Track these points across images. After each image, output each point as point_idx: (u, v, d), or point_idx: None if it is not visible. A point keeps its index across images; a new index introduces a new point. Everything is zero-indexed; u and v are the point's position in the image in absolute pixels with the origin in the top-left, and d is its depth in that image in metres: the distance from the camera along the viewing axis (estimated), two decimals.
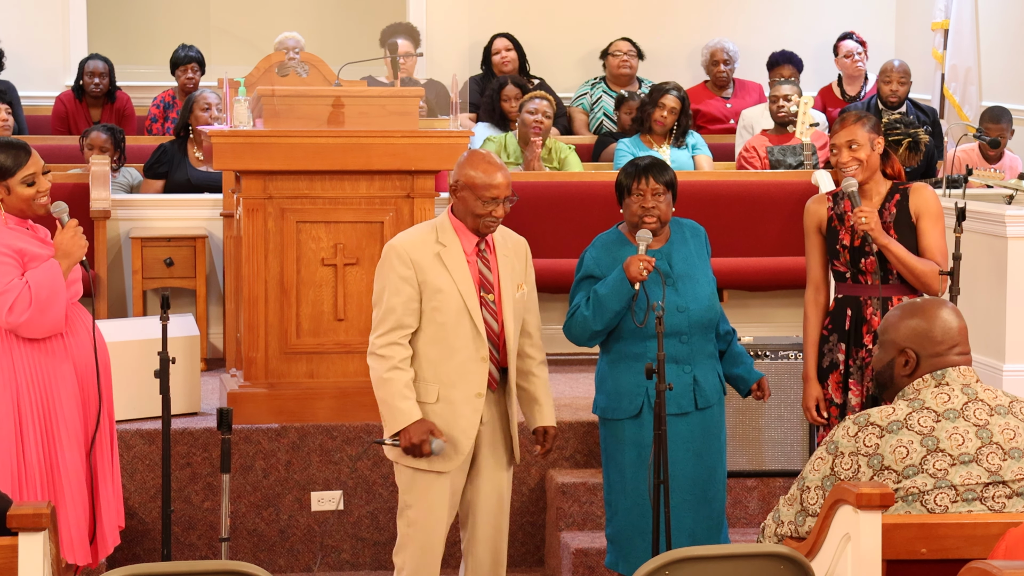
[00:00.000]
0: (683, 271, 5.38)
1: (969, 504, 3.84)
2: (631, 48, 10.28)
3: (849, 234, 5.53)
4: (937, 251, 5.49)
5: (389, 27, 10.16)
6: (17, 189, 5.14)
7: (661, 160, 5.46)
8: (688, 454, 5.33)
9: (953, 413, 3.90)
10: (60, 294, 5.08)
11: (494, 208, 5.01)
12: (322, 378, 6.53)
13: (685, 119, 8.55)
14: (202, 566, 3.54)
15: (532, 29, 10.61)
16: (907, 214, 5.51)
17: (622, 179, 5.38)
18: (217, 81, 8.05)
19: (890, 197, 5.54)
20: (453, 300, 5.02)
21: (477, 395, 5.04)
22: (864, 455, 3.89)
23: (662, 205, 5.32)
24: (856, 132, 5.48)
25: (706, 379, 5.36)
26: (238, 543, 6.45)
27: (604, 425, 5.44)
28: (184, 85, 9.75)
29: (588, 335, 5.37)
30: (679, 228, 5.46)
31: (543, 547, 6.57)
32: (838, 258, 5.57)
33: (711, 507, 5.39)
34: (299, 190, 6.48)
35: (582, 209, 8.01)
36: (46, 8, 10.60)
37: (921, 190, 5.55)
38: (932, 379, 3.98)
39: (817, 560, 3.89)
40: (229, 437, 4.86)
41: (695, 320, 5.33)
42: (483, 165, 5.02)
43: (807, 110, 8.55)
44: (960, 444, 3.86)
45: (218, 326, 8.00)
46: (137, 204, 8.06)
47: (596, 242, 5.47)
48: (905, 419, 3.90)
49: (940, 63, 10.26)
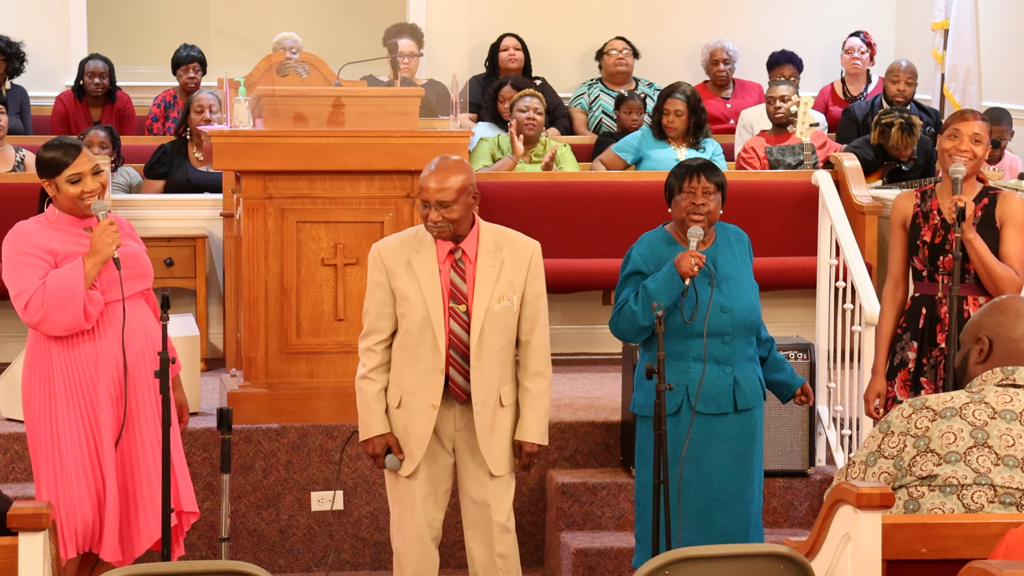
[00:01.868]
0: (728, 273, 5.38)
1: (1006, 508, 3.82)
2: (626, 47, 10.27)
3: (931, 231, 5.50)
4: (1016, 259, 5.45)
5: (393, 27, 10.14)
6: (64, 187, 5.22)
7: (712, 162, 5.48)
8: (724, 454, 5.33)
9: (1011, 415, 3.88)
10: (76, 293, 5.12)
11: (427, 212, 4.99)
12: (322, 378, 6.53)
13: (695, 117, 8.48)
14: (202, 566, 3.54)
15: (533, 29, 10.60)
16: (992, 218, 5.48)
17: (671, 179, 5.39)
18: (217, 81, 8.05)
19: (979, 199, 5.51)
20: (418, 309, 5.03)
21: (432, 406, 5.06)
22: (912, 436, 3.89)
23: (711, 204, 5.34)
24: (983, 128, 5.48)
25: (747, 381, 5.36)
26: (238, 543, 6.45)
27: (641, 422, 5.43)
28: (186, 85, 9.75)
29: (636, 330, 5.36)
30: (724, 232, 5.47)
31: (543, 547, 6.57)
32: (917, 254, 5.55)
33: (747, 508, 5.39)
34: (299, 190, 6.48)
35: (581, 209, 8.01)
36: (46, 8, 10.59)
37: (1010, 197, 5.52)
38: (1001, 373, 3.96)
39: (817, 560, 3.89)
40: (229, 437, 4.86)
41: (738, 321, 5.33)
42: (428, 168, 5.03)
43: (807, 110, 8.55)
44: (1010, 446, 3.84)
45: (218, 326, 8.00)
46: (137, 204, 8.05)
47: (643, 239, 5.46)
48: (960, 408, 3.89)
49: (940, 63, 10.25)
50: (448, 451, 5.16)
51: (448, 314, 5.03)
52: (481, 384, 5.07)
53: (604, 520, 6.43)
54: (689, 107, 8.43)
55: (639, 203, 7.86)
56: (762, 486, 5.49)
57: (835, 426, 6.74)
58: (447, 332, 5.03)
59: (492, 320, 5.05)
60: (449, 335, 5.04)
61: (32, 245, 5.23)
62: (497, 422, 5.12)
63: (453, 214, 4.98)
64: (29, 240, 5.24)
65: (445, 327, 5.03)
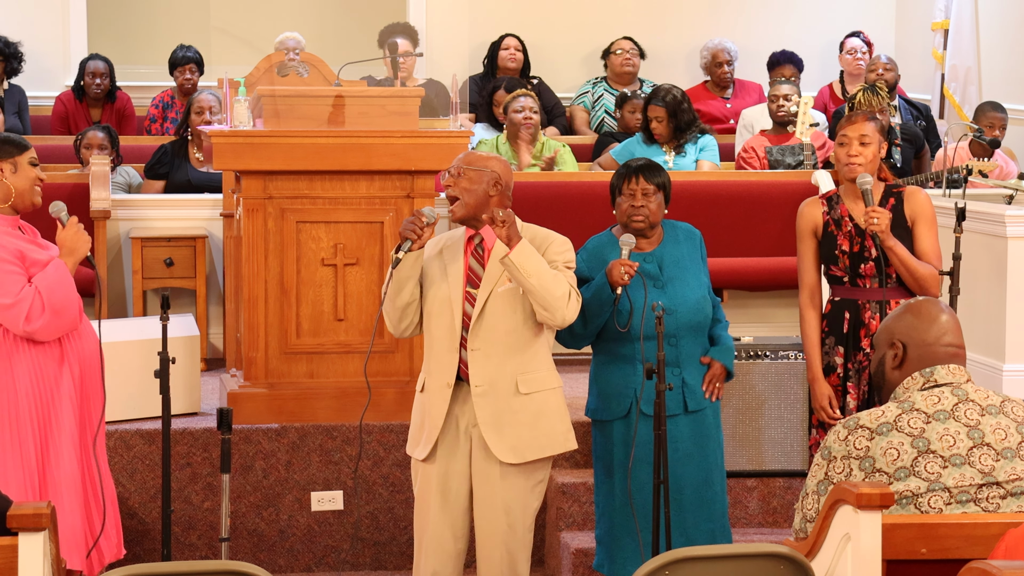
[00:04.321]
0: (673, 274, 5.38)
1: (963, 506, 3.83)
2: (633, 47, 10.28)
3: (848, 239, 5.52)
4: (933, 255, 5.51)
5: (388, 27, 10.16)
6: (25, 168, 5.19)
7: (655, 162, 5.47)
8: (678, 455, 5.33)
9: (943, 414, 3.89)
10: (73, 294, 5.13)
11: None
12: (322, 378, 6.53)
13: (675, 121, 8.46)
14: (202, 566, 3.54)
15: (533, 29, 10.61)
16: (902, 217, 5.52)
17: (614, 180, 5.40)
18: (217, 81, 8.05)
19: (884, 200, 5.54)
20: (439, 290, 5.12)
21: (447, 384, 5.09)
22: (856, 458, 3.88)
23: (652, 205, 5.33)
24: (868, 128, 5.49)
25: (696, 381, 5.36)
26: (238, 543, 6.45)
27: (595, 426, 5.46)
28: (182, 86, 9.75)
29: (572, 336, 5.40)
30: (673, 230, 5.46)
31: (543, 547, 6.57)
32: (836, 263, 5.56)
33: (710, 510, 5.38)
34: (299, 190, 6.48)
35: (581, 209, 8.01)
36: (46, 8, 10.60)
37: (915, 194, 5.57)
38: (921, 377, 3.96)
39: (817, 560, 3.89)
40: (229, 437, 4.86)
41: (683, 323, 5.33)
42: None
43: (807, 110, 8.55)
44: (952, 445, 3.85)
45: (218, 326, 8.00)
46: (137, 204, 8.06)
47: (588, 244, 5.48)
48: (895, 421, 3.89)
49: (940, 63, 10.26)
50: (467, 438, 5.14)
51: (465, 297, 5.09)
52: (482, 366, 5.07)
53: None
54: (668, 112, 8.42)
55: None
56: (725, 486, 5.47)
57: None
58: (463, 314, 5.08)
59: (496, 302, 5.07)
60: (464, 317, 5.09)
61: (6, 251, 5.12)
62: (512, 409, 5.10)
63: (463, 183, 5.06)
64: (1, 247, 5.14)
65: (461, 308, 5.08)
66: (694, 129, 8.51)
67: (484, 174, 5.08)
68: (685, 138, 8.46)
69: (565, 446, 5.21)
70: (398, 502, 6.54)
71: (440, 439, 5.12)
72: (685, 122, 8.46)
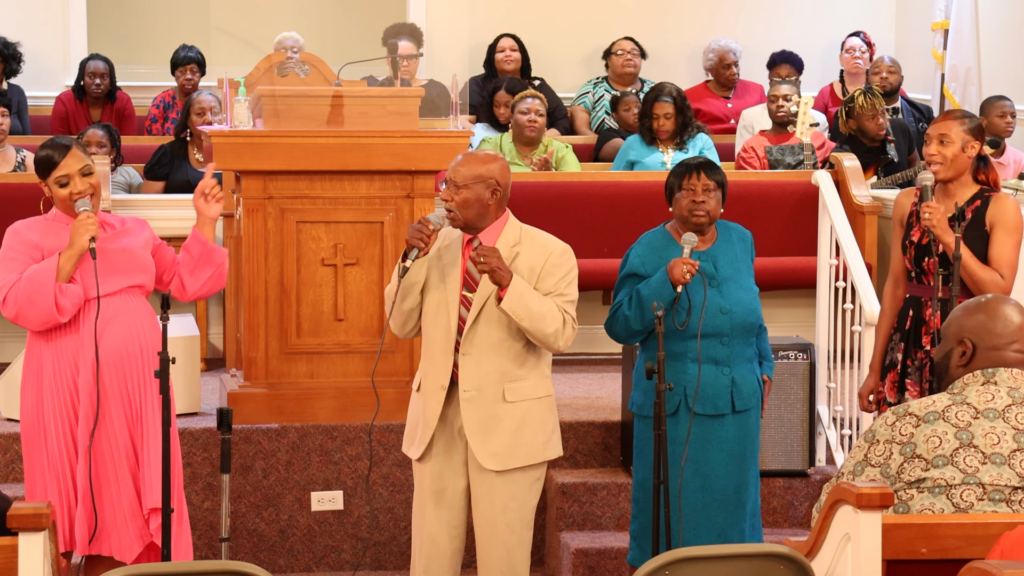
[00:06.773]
0: (728, 273, 5.38)
1: (995, 504, 3.82)
2: (634, 47, 10.28)
3: (920, 231, 5.46)
4: (1004, 263, 5.39)
5: (392, 27, 10.14)
6: (53, 189, 5.27)
7: (712, 160, 5.49)
8: (723, 455, 5.33)
9: (993, 413, 3.88)
10: (46, 286, 5.15)
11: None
12: (322, 378, 6.53)
13: (682, 117, 8.50)
14: (202, 566, 3.54)
15: (534, 29, 10.60)
16: (982, 221, 5.42)
17: (672, 178, 5.38)
18: (217, 81, 8.04)
19: (971, 201, 5.45)
20: (436, 291, 5.11)
21: (441, 387, 5.10)
22: (898, 443, 3.89)
23: (711, 202, 5.33)
24: (951, 128, 5.39)
25: (745, 382, 5.36)
26: (238, 543, 6.45)
27: (639, 422, 5.43)
28: (183, 86, 9.75)
29: (629, 334, 5.37)
30: (726, 231, 5.46)
31: (543, 547, 6.56)
32: (905, 254, 5.53)
33: (744, 509, 5.39)
34: (299, 190, 6.48)
35: (581, 209, 8.01)
36: (46, 8, 10.59)
37: (1002, 200, 5.44)
38: (982, 375, 3.94)
39: (817, 560, 3.89)
40: (229, 437, 4.86)
41: (737, 322, 5.33)
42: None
43: (807, 110, 8.55)
44: (995, 444, 3.84)
45: (218, 326, 8.00)
46: (137, 204, 8.05)
47: (642, 240, 5.45)
48: (943, 411, 3.88)
49: (940, 63, 10.26)
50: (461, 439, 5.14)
51: (461, 301, 5.08)
52: (472, 371, 5.07)
53: (604, 520, 6.43)
54: (676, 108, 8.45)
55: (639, 203, 7.86)
56: (759, 486, 5.49)
57: (835, 426, 6.74)
58: (458, 317, 5.08)
59: (491, 309, 5.05)
60: (460, 321, 5.08)
61: (20, 241, 5.27)
62: (496, 416, 5.10)
63: (462, 196, 5.02)
64: (18, 236, 5.29)
65: (457, 312, 5.08)
66: (694, 126, 8.54)
67: (481, 184, 5.04)
68: (687, 135, 8.47)
69: (545, 455, 5.22)
70: (398, 502, 6.54)
71: (435, 439, 5.13)
72: (688, 118, 8.50)
